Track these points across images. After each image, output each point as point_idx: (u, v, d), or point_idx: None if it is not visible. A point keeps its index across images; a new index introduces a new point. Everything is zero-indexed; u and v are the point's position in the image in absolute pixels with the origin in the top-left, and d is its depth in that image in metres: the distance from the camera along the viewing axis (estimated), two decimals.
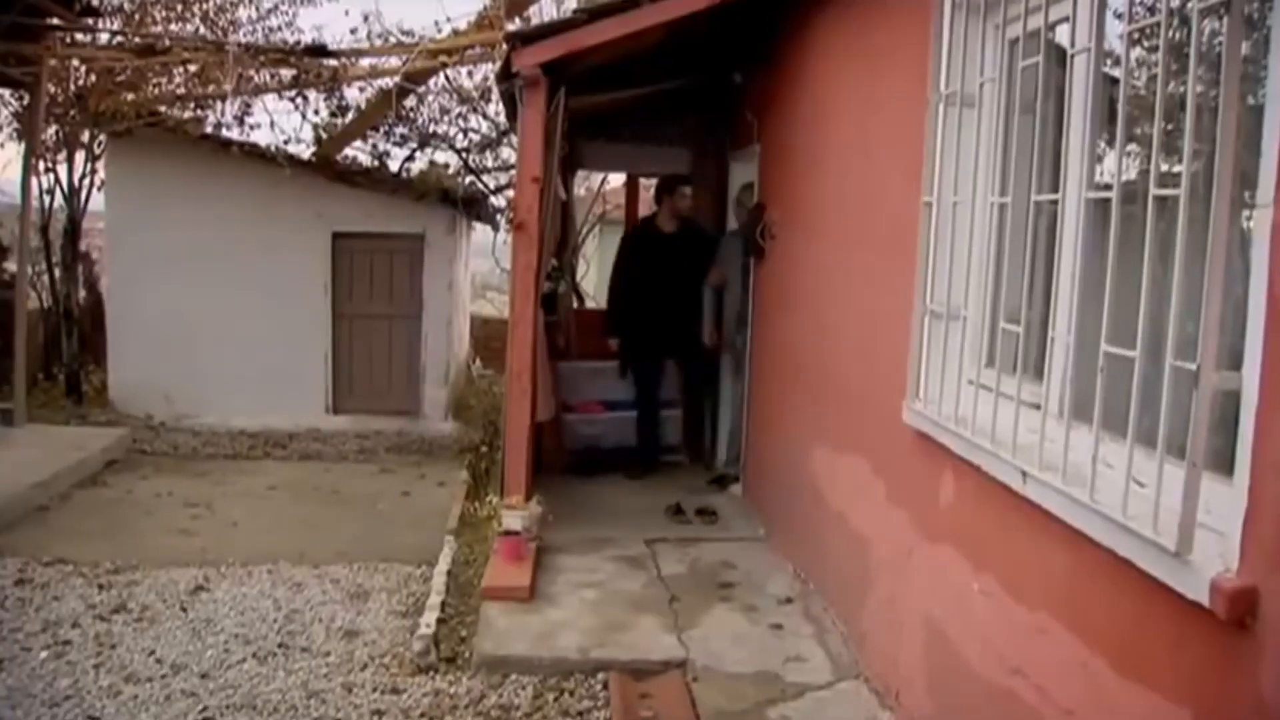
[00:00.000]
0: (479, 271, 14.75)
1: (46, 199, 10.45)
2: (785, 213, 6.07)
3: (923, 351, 3.77)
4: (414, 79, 9.46)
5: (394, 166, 11.64)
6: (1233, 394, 2.06)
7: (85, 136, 10.31)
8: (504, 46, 6.09)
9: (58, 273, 10.60)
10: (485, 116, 12.20)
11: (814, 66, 5.56)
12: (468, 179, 12.11)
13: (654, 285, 7.58)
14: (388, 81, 9.53)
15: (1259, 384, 1.96)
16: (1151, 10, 2.51)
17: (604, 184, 14.15)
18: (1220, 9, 2.13)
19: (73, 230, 10.60)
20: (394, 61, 9.30)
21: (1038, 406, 2.90)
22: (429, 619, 4.87)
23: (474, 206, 10.87)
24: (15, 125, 10.53)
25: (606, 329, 7.82)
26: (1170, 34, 2.31)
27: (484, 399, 11.02)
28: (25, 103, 9.50)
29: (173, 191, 9.43)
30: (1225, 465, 2.09)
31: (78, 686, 4.26)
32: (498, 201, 12.17)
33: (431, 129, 12.08)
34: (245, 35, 10.40)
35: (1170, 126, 2.35)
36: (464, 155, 12.42)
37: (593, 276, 14.85)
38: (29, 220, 9.11)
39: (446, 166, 12.19)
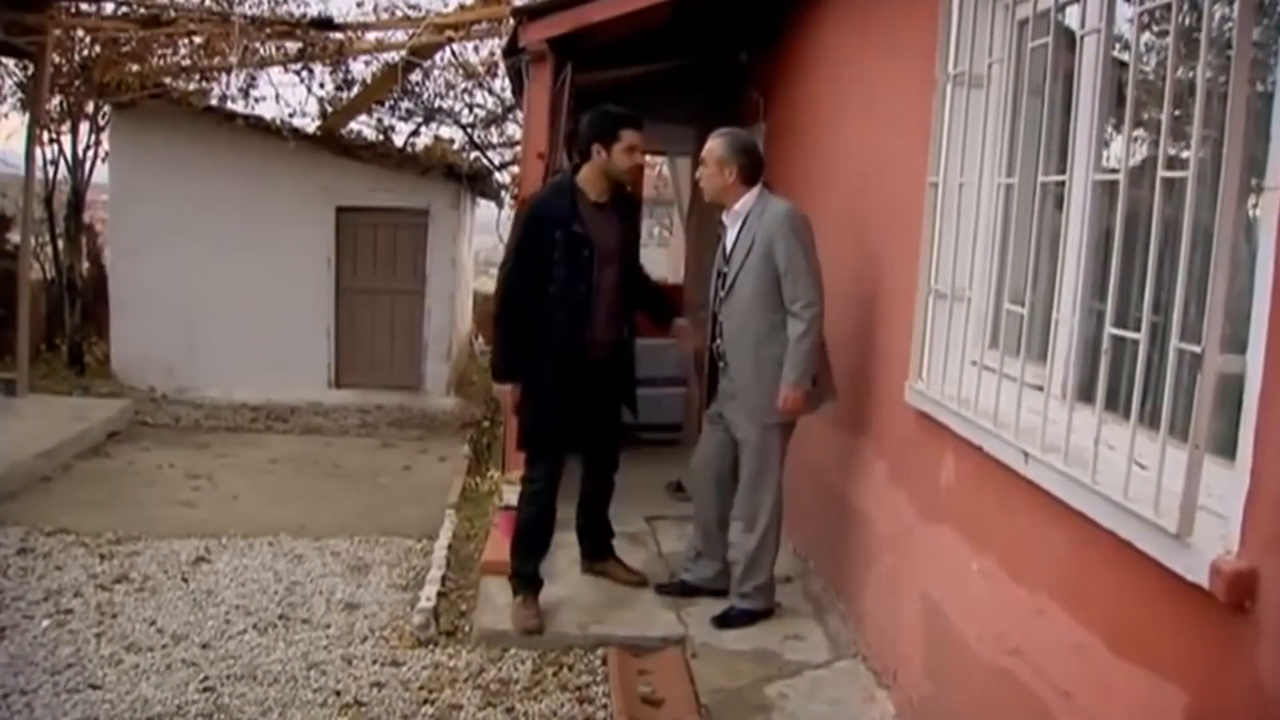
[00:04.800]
0: (482, 248, 14.74)
1: (50, 170, 10.43)
2: (790, 192, 6.04)
3: (926, 332, 3.76)
4: (420, 53, 9.45)
5: (399, 141, 11.64)
6: (1235, 377, 2.06)
7: (90, 107, 10.30)
8: (511, 21, 6.08)
9: (61, 244, 10.60)
10: (491, 92, 12.22)
11: (820, 45, 5.54)
12: (472, 154, 12.11)
13: (578, 293, 4.58)
14: (393, 56, 9.53)
15: (1262, 367, 1.96)
16: None
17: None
18: None
19: (76, 201, 10.59)
20: (400, 35, 9.31)
21: (1040, 388, 2.91)
22: (429, 592, 4.89)
23: (478, 182, 10.88)
24: (20, 95, 10.52)
25: (495, 370, 4.97)
26: (1180, 18, 2.30)
27: (486, 375, 11.01)
28: (30, 73, 9.48)
29: (177, 164, 9.43)
30: (1227, 448, 2.09)
31: (79, 655, 4.29)
32: (502, 177, 12.17)
33: (437, 104, 12.10)
34: (251, 7, 10.36)
35: (1178, 112, 2.34)
36: (469, 130, 12.42)
37: None
38: (33, 191, 9.12)
39: (451, 142, 12.20)
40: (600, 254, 4.62)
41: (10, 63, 10.22)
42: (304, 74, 10.84)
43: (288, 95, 21.91)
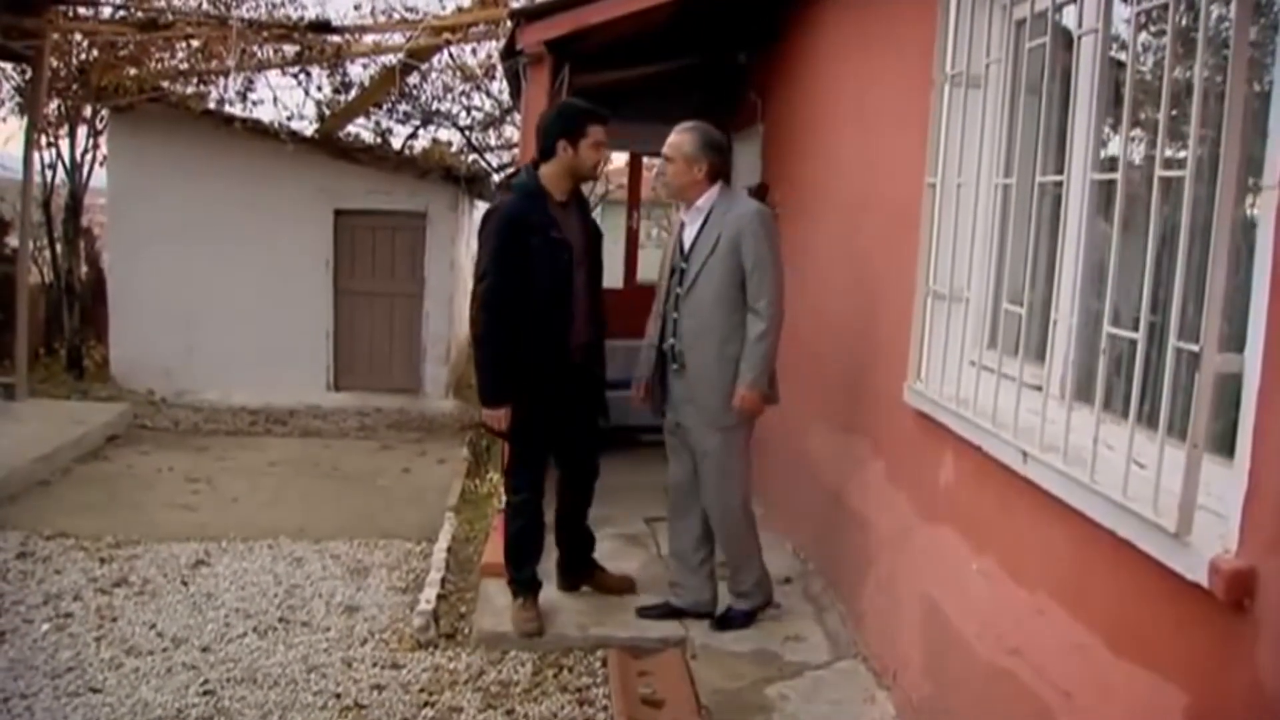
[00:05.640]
0: None
1: (48, 174, 10.41)
2: (788, 193, 6.06)
3: (924, 332, 3.77)
4: (417, 56, 9.47)
5: (397, 144, 11.64)
6: (1234, 376, 2.06)
7: (87, 111, 10.28)
8: (508, 23, 6.07)
9: (59, 248, 10.58)
10: (488, 94, 12.23)
11: (818, 46, 5.54)
12: (470, 157, 12.10)
13: (561, 298, 4.50)
14: (391, 58, 9.53)
15: (1260, 366, 1.96)
16: None
17: (605, 163, 14.12)
18: None
19: (74, 205, 10.58)
20: (398, 38, 9.31)
21: (1039, 388, 2.91)
22: (429, 595, 4.89)
23: (476, 185, 10.86)
24: (17, 99, 10.50)
25: (484, 394, 4.59)
26: (1178, 18, 2.31)
27: None
28: (27, 77, 9.48)
29: (175, 167, 9.43)
30: (1226, 447, 2.09)
31: (79, 659, 4.28)
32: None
33: (434, 106, 12.09)
34: (249, 10, 10.37)
35: (1175, 111, 2.34)
36: (467, 133, 12.42)
37: None
38: (31, 195, 9.11)
39: (449, 144, 12.20)
40: (575, 256, 4.53)
41: (8, 67, 10.21)
42: (302, 77, 10.84)
43: (285, 98, 21.95)
